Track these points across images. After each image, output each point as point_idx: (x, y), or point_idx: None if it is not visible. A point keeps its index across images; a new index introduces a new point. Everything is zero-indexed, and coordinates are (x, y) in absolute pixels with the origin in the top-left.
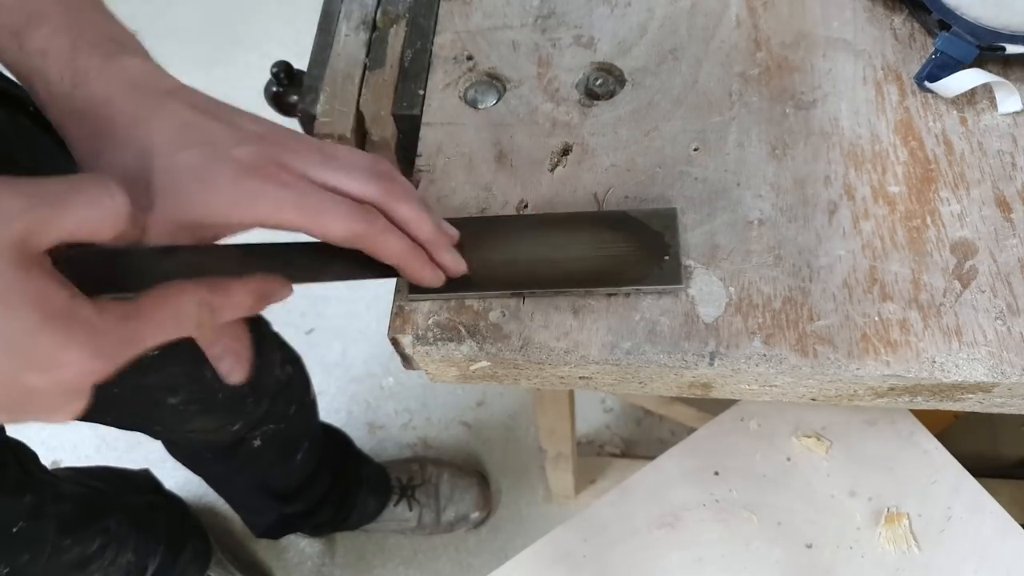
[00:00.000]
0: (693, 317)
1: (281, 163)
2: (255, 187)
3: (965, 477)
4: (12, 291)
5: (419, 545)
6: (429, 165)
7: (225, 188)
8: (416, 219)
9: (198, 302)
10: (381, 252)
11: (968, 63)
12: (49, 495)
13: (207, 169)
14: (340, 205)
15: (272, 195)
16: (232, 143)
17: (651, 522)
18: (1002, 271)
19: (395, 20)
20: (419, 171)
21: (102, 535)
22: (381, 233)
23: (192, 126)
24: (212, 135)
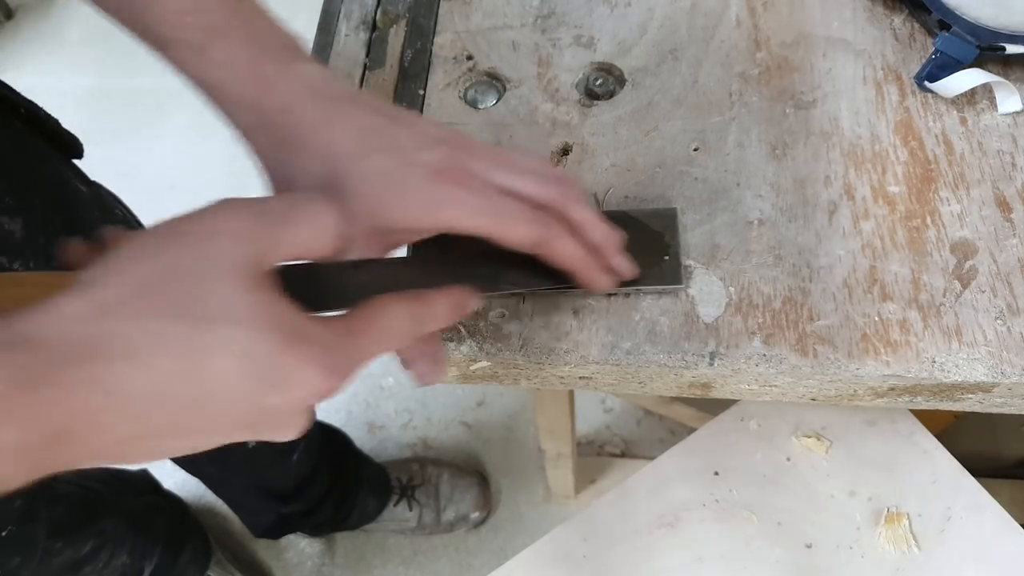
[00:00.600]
0: (693, 317)
1: (465, 167)
2: (445, 192)
3: (965, 477)
4: (256, 313)
5: (419, 545)
6: None
7: (415, 193)
8: (590, 222)
9: (408, 314)
10: (558, 257)
11: (968, 63)
12: (42, 498)
13: (396, 174)
14: (523, 211)
15: (461, 200)
16: (417, 147)
17: (651, 522)
18: (1002, 271)
19: (395, 20)
20: None
21: (96, 537)
22: (559, 238)
23: (375, 130)
24: (396, 139)
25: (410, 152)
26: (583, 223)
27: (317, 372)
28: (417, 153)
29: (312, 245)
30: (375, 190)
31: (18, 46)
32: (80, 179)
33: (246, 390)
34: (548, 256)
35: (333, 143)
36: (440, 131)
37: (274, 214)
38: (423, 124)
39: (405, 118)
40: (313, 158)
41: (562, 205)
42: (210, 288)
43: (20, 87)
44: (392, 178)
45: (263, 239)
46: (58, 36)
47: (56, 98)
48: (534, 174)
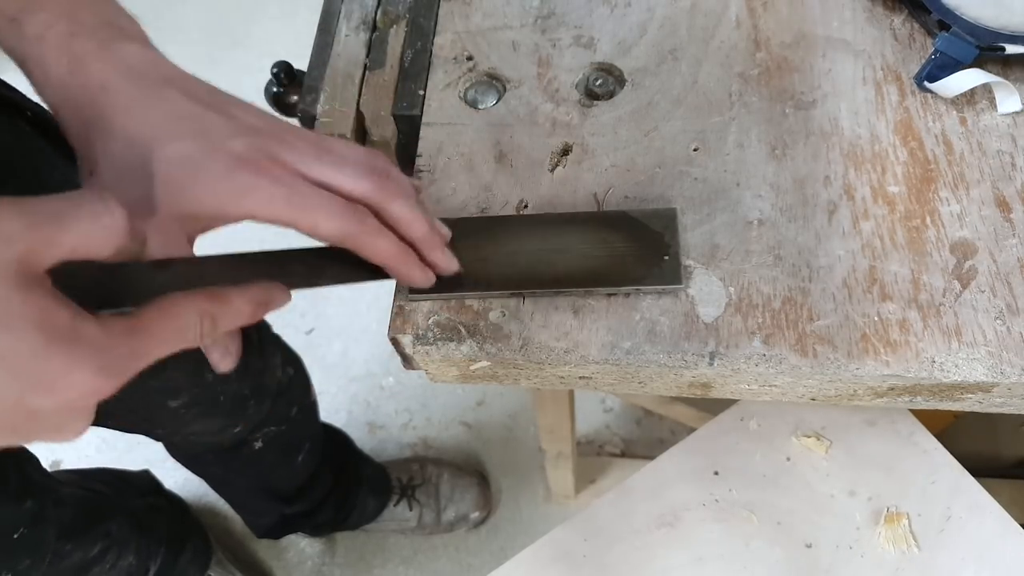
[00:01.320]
0: (693, 317)
1: (275, 157)
2: (247, 181)
3: (965, 477)
4: (15, 313)
5: (419, 545)
6: (429, 165)
7: (217, 180)
8: (408, 218)
9: (199, 313)
10: (370, 252)
11: (968, 63)
12: (50, 500)
13: (199, 160)
14: (331, 203)
15: (264, 189)
16: (227, 135)
17: (651, 522)
18: (1002, 271)
19: (395, 20)
20: (419, 171)
21: (103, 539)
22: (370, 233)
23: (187, 116)
24: (207, 126)
25: (219, 139)
26: (399, 219)
27: (87, 372)
28: (226, 140)
29: (92, 243)
30: (177, 176)
31: None
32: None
33: (9, 392)
34: (359, 251)
35: (141, 126)
36: (258, 120)
37: (46, 214)
38: (241, 112)
39: (222, 106)
40: (120, 140)
41: (379, 200)
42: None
43: (22, 87)
44: (195, 164)
45: (32, 239)
46: None
47: None
48: (352, 166)
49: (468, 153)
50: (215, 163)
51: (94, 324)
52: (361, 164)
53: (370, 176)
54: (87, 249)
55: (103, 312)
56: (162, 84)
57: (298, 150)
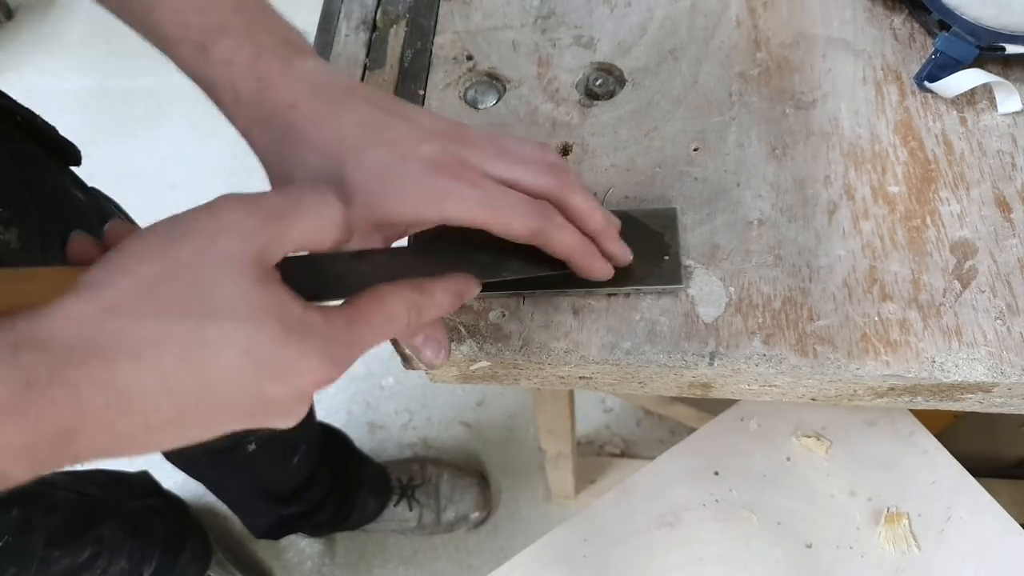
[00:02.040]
0: (693, 317)
1: (463, 160)
2: (443, 185)
3: (965, 477)
4: (256, 306)
5: (419, 545)
6: None
7: (414, 186)
8: (588, 210)
9: (407, 303)
10: (556, 247)
11: (968, 63)
12: (39, 507)
13: (394, 168)
14: (521, 203)
15: (459, 193)
16: (415, 141)
17: (651, 522)
18: (1002, 271)
19: (395, 20)
20: None
21: (94, 544)
22: (557, 229)
23: (373, 124)
24: (395, 133)
25: (408, 145)
26: (580, 211)
27: (317, 361)
28: (415, 146)
29: (315, 237)
30: (373, 184)
31: (18, 46)
32: (78, 186)
33: (249, 381)
34: (546, 246)
35: (332, 138)
36: (438, 123)
37: (276, 208)
38: (421, 116)
39: (403, 111)
40: (312, 153)
41: (559, 194)
42: (213, 284)
43: (20, 87)
44: (390, 172)
45: (266, 234)
46: (58, 36)
47: (56, 98)
48: (532, 164)
49: None
50: (410, 169)
51: (320, 315)
52: (539, 161)
53: (549, 172)
54: (311, 241)
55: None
56: (345, 95)
57: (482, 150)
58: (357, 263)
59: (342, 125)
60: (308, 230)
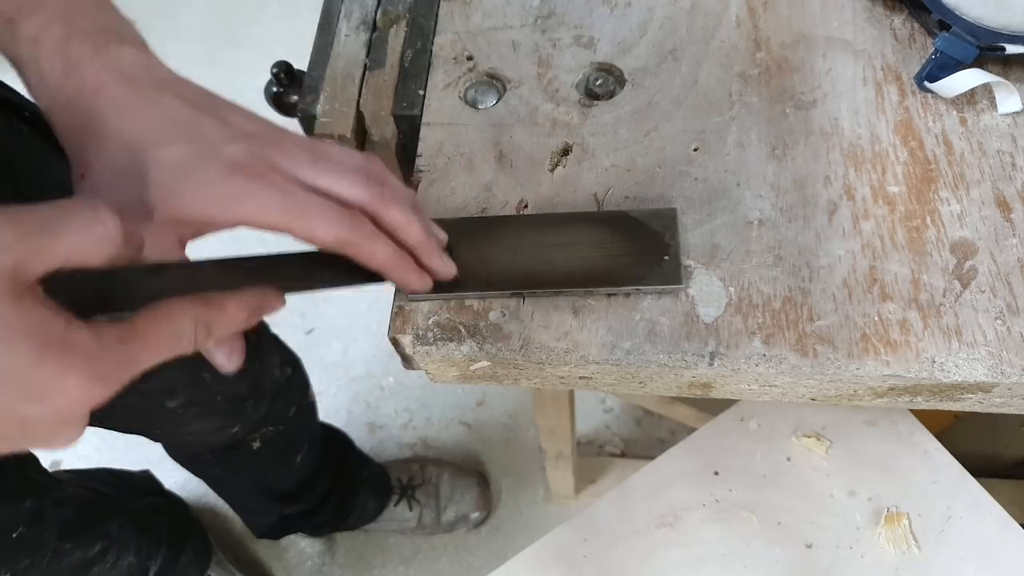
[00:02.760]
0: (693, 317)
1: (271, 162)
2: (242, 186)
3: (965, 477)
4: (7, 324)
5: (419, 545)
6: (429, 165)
7: (211, 186)
8: (405, 224)
9: (193, 319)
10: (366, 258)
11: (968, 63)
12: (50, 499)
13: (193, 165)
14: (327, 209)
15: (259, 195)
16: (221, 140)
17: (651, 522)
18: (1002, 271)
19: (395, 20)
20: (419, 171)
21: (103, 539)
22: (367, 239)
23: (182, 120)
24: (202, 130)
25: (213, 144)
26: (396, 225)
27: (79, 380)
28: (220, 145)
29: (85, 252)
30: (171, 181)
31: None
32: None
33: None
34: (356, 257)
35: (135, 130)
36: (252, 125)
37: (38, 222)
38: (235, 117)
39: (218, 110)
40: (113, 143)
41: (376, 206)
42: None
43: (20, 87)
44: (189, 169)
45: (22, 248)
46: None
47: None
48: (348, 172)
49: (468, 153)
50: (209, 168)
51: (87, 332)
52: (357, 170)
53: (367, 182)
54: (79, 257)
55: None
56: (157, 88)
57: (294, 156)
58: (151, 278)
59: (147, 118)
60: (75, 245)
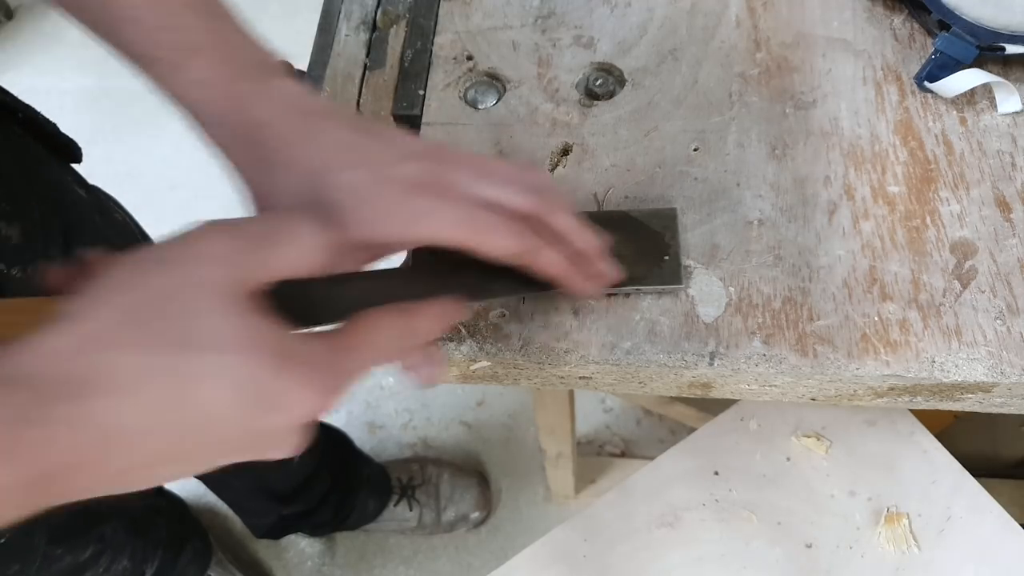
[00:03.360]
0: (693, 317)
1: (445, 180)
2: (423, 205)
3: (965, 477)
4: (243, 337)
5: (419, 545)
6: None
7: (393, 207)
8: (572, 230)
9: (397, 329)
10: (540, 268)
11: (968, 63)
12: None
13: (374, 188)
14: (504, 223)
15: (440, 214)
16: (394, 161)
17: (651, 522)
18: (1002, 271)
19: (395, 20)
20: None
21: (96, 543)
22: (540, 250)
23: (352, 145)
24: (373, 153)
25: (388, 166)
26: (565, 232)
27: (309, 392)
28: (395, 167)
29: (298, 264)
30: (353, 204)
31: (18, 46)
32: (79, 183)
33: (239, 415)
34: (530, 266)
35: (310, 158)
36: (417, 144)
37: (258, 236)
38: (400, 138)
39: (383, 132)
40: (291, 174)
41: (543, 214)
42: (195, 315)
43: (20, 87)
44: (370, 192)
45: (248, 262)
46: (58, 36)
47: (56, 98)
48: (515, 184)
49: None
50: (389, 190)
51: (309, 343)
52: (523, 181)
53: (532, 193)
54: (295, 269)
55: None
56: (321, 116)
57: (463, 171)
58: (343, 288)
59: (319, 146)
60: (291, 257)
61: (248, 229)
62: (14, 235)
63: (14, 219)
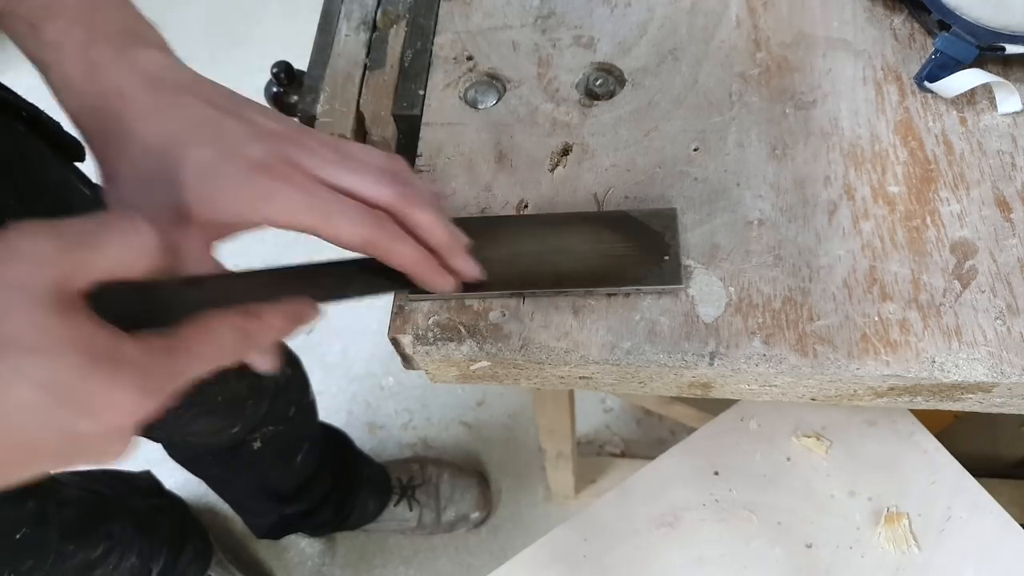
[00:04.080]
0: (693, 317)
1: (295, 162)
2: (266, 186)
3: (965, 477)
4: (56, 338)
5: (419, 545)
6: (429, 165)
7: (236, 187)
8: (430, 224)
9: (235, 331)
10: (392, 259)
11: (968, 63)
12: (52, 501)
13: (218, 167)
14: (352, 209)
15: (283, 195)
16: (245, 140)
17: (651, 522)
18: (1002, 271)
19: (395, 20)
20: (419, 171)
21: (106, 540)
22: (392, 240)
23: (205, 122)
24: (225, 132)
25: (237, 145)
26: (421, 225)
27: (129, 394)
28: (244, 146)
29: (126, 264)
30: (197, 182)
31: None
32: (83, 181)
33: (52, 418)
34: (381, 258)
35: (159, 133)
36: (275, 124)
37: (78, 235)
38: (259, 117)
39: (240, 111)
40: (138, 148)
41: (400, 206)
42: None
43: (21, 88)
44: (214, 170)
45: (65, 262)
46: None
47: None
48: (373, 172)
49: (468, 153)
50: (234, 169)
51: (135, 344)
52: (382, 170)
53: (391, 182)
54: (121, 269)
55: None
56: (179, 90)
57: (319, 155)
58: (188, 290)
59: (171, 120)
60: (116, 257)
61: (69, 228)
62: None
63: (20, 217)
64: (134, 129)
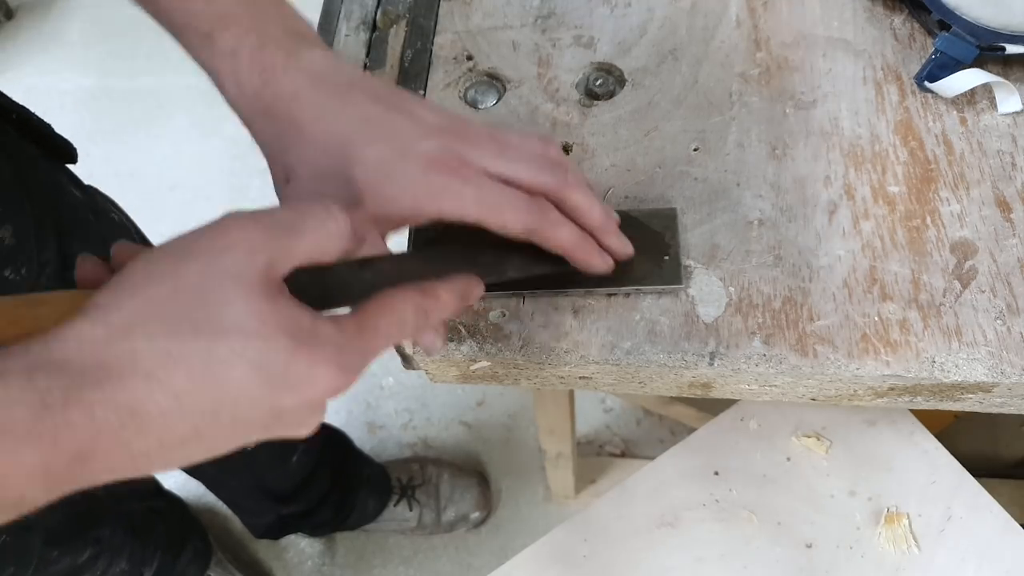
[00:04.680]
0: (693, 317)
1: (461, 156)
2: (440, 182)
3: (965, 477)
4: (267, 322)
5: (419, 545)
6: None
7: (412, 183)
8: (586, 206)
9: (414, 307)
10: (553, 243)
11: (968, 63)
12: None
13: (394, 164)
14: (516, 200)
15: (455, 190)
16: (415, 137)
17: (651, 522)
18: (1002, 271)
19: (395, 20)
20: None
21: (94, 545)
22: (553, 226)
23: (374, 120)
24: (394, 128)
25: (407, 141)
26: (578, 207)
27: (329, 370)
28: (414, 142)
29: (322, 250)
30: (373, 180)
31: (18, 46)
32: (74, 184)
33: (262, 395)
34: (542, 243)
35: (332, 133)
36: (440, 118)
37: (282, 223)
38: (424, 111)
39: (406, 105)
40: (313, 147)
41: (557, 190)
42: (221, 302)
43: (20, 87)
44: (389, 168)
45: (271, 249)
46: (58, 36)
47: (56, 98)
48: (530, 160)
49: None
50: (409, 166)
51: (329, 325)
52: (539, 157)
53: (548, 169)
54: (318, 254)
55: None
56: (348, 89)
57: (481, 147)
58: (362, 270)
59: (343, 119)
60: (315, 243)
61: (272, 217)
62: (7, 236)
63: (6, 220)
64: (307, 130)
